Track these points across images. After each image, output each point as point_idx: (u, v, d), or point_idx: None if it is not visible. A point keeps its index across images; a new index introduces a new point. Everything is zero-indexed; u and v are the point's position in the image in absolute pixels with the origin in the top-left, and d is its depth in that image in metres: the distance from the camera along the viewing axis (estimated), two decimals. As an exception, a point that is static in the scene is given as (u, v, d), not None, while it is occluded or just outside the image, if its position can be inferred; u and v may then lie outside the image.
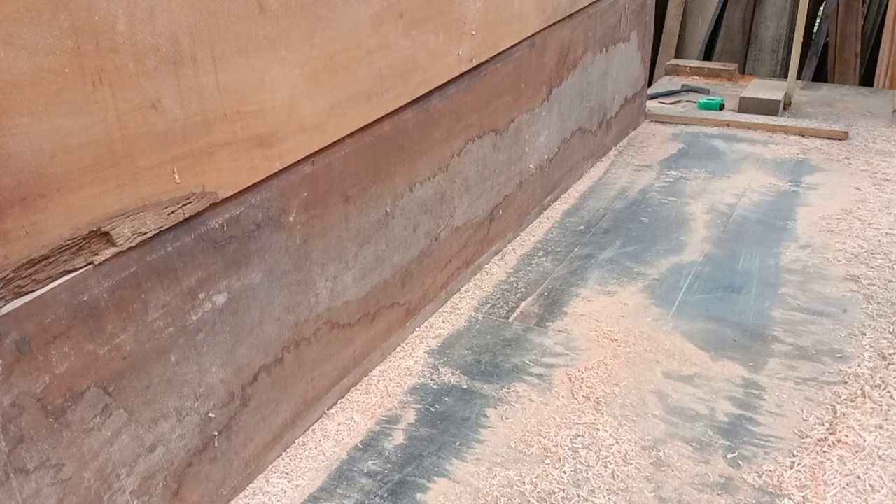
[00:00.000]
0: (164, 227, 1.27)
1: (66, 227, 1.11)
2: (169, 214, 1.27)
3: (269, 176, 1.50)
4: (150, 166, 1.22)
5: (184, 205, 1.30)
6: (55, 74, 1.05)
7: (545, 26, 2.62)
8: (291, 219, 1.58)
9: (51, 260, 1.09)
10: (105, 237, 1.17)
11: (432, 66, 1.98)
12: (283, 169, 1.53)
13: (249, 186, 1.45)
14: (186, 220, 1.32)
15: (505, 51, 2.35)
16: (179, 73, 1.24)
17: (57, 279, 1.11)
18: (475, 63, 2.20)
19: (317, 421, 1.80)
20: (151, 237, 1.25)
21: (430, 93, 2.00)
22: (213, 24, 1.29)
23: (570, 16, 2.76)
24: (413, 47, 1.88)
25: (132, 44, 1.15)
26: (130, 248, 1.22)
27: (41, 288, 1.09)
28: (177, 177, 1.27)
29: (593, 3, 2.94)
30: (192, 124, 1.28)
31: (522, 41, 2.46)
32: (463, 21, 2.08)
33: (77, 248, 1.13)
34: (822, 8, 6.07)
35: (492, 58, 2.28)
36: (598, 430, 1.74)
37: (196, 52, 1.26)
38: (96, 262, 1.16)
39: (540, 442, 1.71)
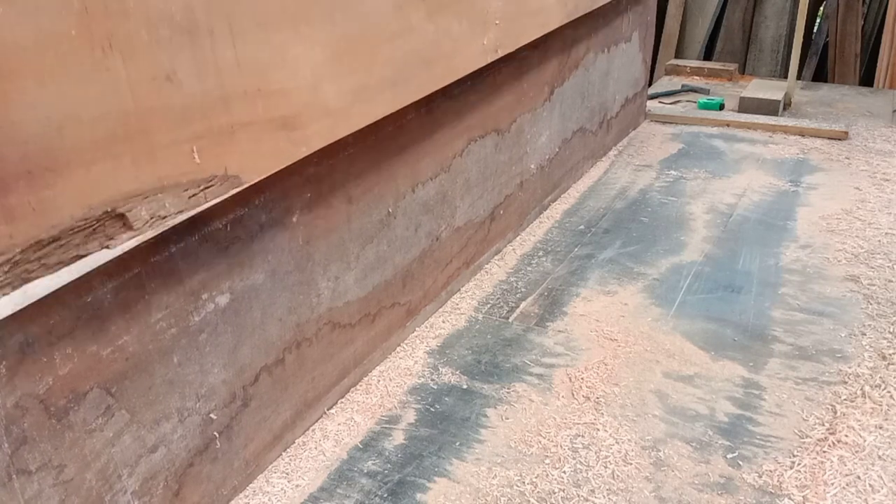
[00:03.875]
0: (184, 211, 1.20)
1: (77, 206, 1.04)
2: (190, 198, 1.20)
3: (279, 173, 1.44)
4: (167, 143, 1.15)
5: (205, 188, 1.22)
6: (61, 37, 0.98)
7: (566, 21, 2.58)
8: (295, 219, 1.59)
9: (62, 242, 1.02)
10: (121, 219, 1.10)
11: (457, 54, 1.92)
12: (290, 167, 1.48)
13: (257, 184, 1.39)
14: (191, 220, 1.27)
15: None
16: (195, 44, 1.17)
17: (69, 264, 1.04)
18: (500, 54, 2.14)
19: (317, 421, 1.80)
20: (169, 226, 1.19)
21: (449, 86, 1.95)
22: None
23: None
24: (437, 33, 1.82)
25: (144, 10, 1.09)
26: (137, 246, 1.16)
27: (50, 273, 1.02)
28: (196, 156, 1.20)
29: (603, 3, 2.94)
30: (210, 100, 1.22)
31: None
32: (486, 10, 2.04)
33: (91, 230, 1.06)
34: (822, 8, 6.07)
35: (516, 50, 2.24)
36: (598, 430, 1.74)
37: (212, 24, 1.20)
38: (111, 247, 1.09)
39: (540, 442, 1.71)
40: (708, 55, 6.21)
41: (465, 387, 1.91)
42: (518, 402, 1.85)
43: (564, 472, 1.62)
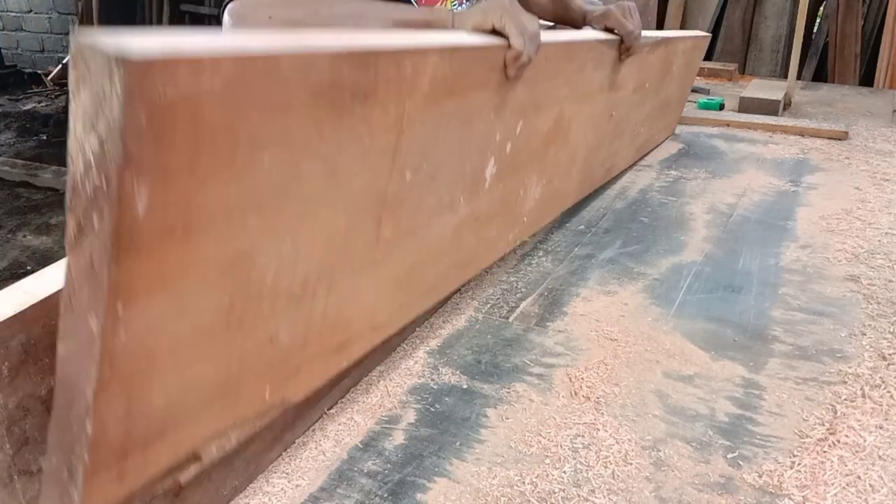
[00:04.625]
0: (239, 438, 1.26)
1: (170, 457, 1.10)
2: (249, 427, 1.27)
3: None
4: (250, 392, 1.22)
5: (263, 416, 1.29)
6: (206, 329, 1.04)
7: (578, 199, 2.81)
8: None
9: (148, 486, 1.08)
10: (195, 458, 1.16)
11: (488, 256, 2.07)
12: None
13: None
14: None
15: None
16: (299, 307, 1.25)
17: (140, 496, 1.10)
18: (518, 242, 2.32)
19: (317, 421, 1.80)
20: None
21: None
22: (339, 260, 1.31)
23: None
24: (477, 244, 1.95)
25: (273, 292, 1.15)
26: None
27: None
28: (267, 396, 1.27)
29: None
30: (294, 349, 1.29)
31: None
32: (520, 213, 2.18)
33: (171, 471, 1.12)
34: (822, 8, 6.08)
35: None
36: (599, 430, 1.74)
37: (317, 287, 1.28)
38: (181, 481, 1.16)
39: (540, 442, 1.71)
40: (708, 55, 6.21)
41: (465, 387, 1.91)
42: (518, 401, 1.85)
43: (564, 472, 1.62)
